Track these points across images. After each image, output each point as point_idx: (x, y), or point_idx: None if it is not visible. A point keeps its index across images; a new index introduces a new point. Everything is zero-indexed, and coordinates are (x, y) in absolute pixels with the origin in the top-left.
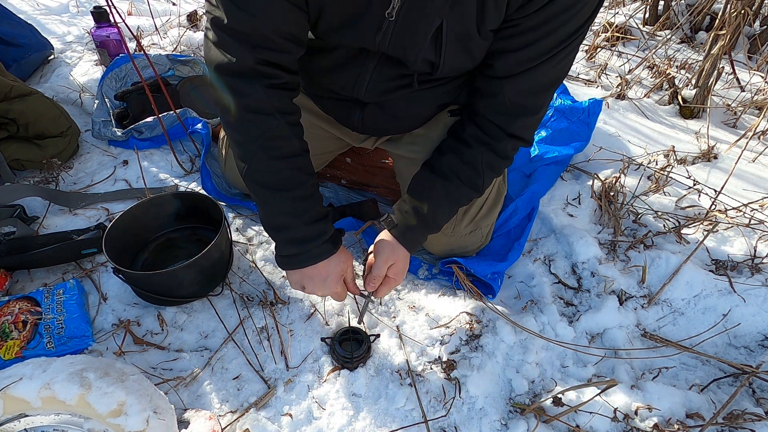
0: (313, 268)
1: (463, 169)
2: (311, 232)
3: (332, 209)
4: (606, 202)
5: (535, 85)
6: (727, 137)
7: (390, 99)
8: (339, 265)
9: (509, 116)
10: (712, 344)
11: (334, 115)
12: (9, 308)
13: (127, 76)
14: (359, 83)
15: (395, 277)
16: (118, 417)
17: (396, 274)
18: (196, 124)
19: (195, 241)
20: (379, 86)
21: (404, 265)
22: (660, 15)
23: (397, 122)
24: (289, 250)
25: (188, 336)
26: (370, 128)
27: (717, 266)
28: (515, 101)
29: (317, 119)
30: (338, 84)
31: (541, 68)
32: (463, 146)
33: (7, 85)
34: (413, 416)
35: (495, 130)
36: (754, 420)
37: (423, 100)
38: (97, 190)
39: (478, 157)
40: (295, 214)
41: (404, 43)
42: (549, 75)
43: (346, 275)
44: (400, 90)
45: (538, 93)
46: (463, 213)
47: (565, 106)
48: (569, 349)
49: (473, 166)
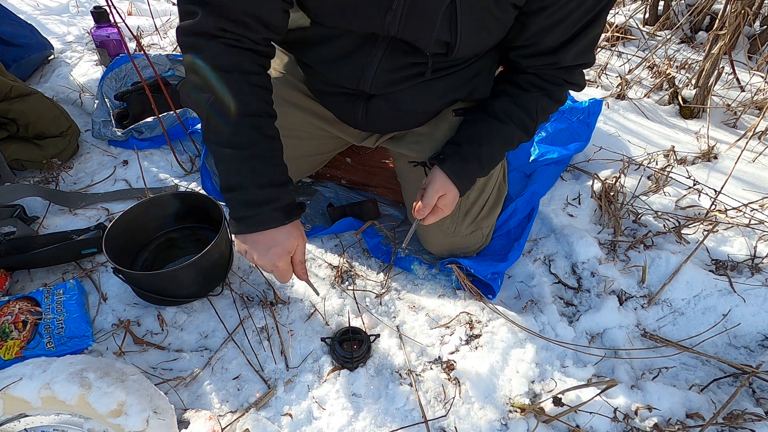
0: (259, 235)
1: (517, 112)
2: (263, 196)
3: (332, 209)
4: (606, 202)
5: (587, 43)
6: (727, 137)
7: (397, 91)
8: (288, 240)
9: (570, 71)
10: (712, 344)
11: (336, 111)
12: (9, 308)
13: (127, 76)
14: (366, 74)
15: (444, 208)
16: (118, 417)
17: (445, 206)
18: (196, 124)
19: (195, 241)
20: (387, 76)
21: (453, 199)
22: (660, 15)
23: (402, 117)
24: (239, 212)
25: (188, 336)
26: (373, 124)
27: (717, 266)
28: (573, 63)
29: (315, 118)
30: (343, 76)
31: (587, 30)
32: (519, 90)
33: (7, 85)
34: (413, 416)
35: (556, 79)
36: (754, 420)
37: (433, 92)
38: (97, 190)
39: (533, 101)
40: (247, 175)
41: (416, 23)
42: (596, 30)
43: (295, 254)
44: (409, 80)
45: (590, 48)
46: (465, 213)
47: (564, 106)
48: (569, 349)
49: (527, 110)
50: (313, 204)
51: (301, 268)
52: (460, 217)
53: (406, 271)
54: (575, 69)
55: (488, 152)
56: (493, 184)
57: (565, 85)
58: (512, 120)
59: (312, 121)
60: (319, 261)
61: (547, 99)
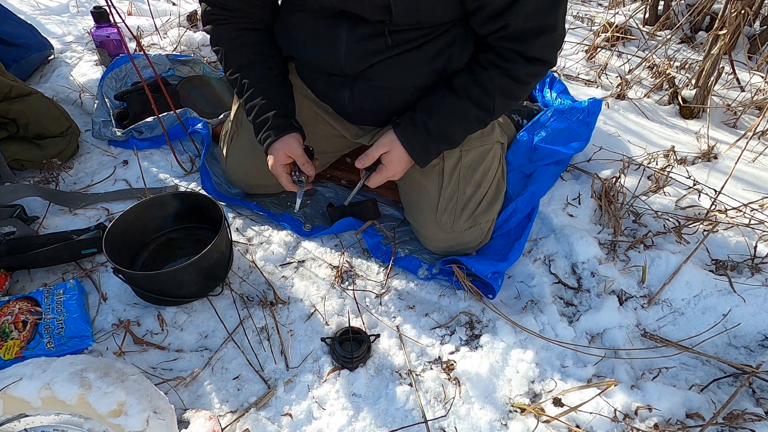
0: (268, 149)
1: (474, 89)
2: (259, 124)
3: (332, 209)
4: (606, 202)
5: (541, 3)
6: (727, 137)
7: (372, 68)
8: (282, 148)
9: (525, 41)
10: (712, 344)
11: (327, 99)
12: (9, 308)
13: (127, 76)
14: (338, 51)
15: (388, 166)
16: (118, 417)
17: (389, 164)
18: (196, 124)
19: (195, 241)
20: (355, 50)
21: (399, 159)
22: (660, 15)
23: (388, 97)
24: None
25: (188, 336)
26: (361, 109)
27: (717, 266)
28: (525, 26)
29: (322, 111)
30: (321, 56)
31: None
32: (480, 68)
33: (7, 85)
34: (413, 416)
35: (512, 55)
36: (754, 420)
37: (407, 66)
38: (97, 190)
39: (490, 79)
40: (250, 110)
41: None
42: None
43: (295, 157)
44: (378, 54)
45: (547, 10)
46: (462, 208)
47: (564, 105)
48: (569, 349)
49: (484, 88)
50: (313, 204)
51: (302, 162)
52: (458, 211)
53: (406, 271)
54: (531, 39)
55: (438, 124)
56: (491, 180)
57: (522, 61)
58: (468, 97)
59: (318, 112)
60: (319, 261)
61: (505, 77)
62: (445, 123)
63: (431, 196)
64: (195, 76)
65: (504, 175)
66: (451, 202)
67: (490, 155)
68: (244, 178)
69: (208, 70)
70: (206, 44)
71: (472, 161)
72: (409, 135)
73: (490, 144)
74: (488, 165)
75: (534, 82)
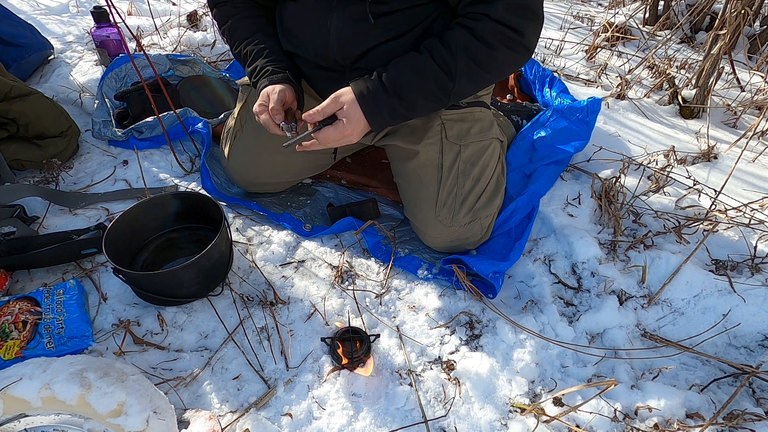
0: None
1: (437, 46)
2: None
3: (332, 209)
4: (606, 202)
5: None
6: (727, 137)
7: (364, 58)
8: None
9: (490, 3)
10: (712, 344)
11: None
12: (9, 308)
13: (127, 76)
14: (331, 37)
15: (342, 119)
16: (118, 417)
17: (344, 116)
18: (197, 124)
19: (195, 241)
20: (345, 34)
21: (353, 112)
22: (660, 15)
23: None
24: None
25: (188, 336)
26: None
27: (717, 266)
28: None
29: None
30: (314, 45)
31: None
32: (446, 30)
33: (7, 85)
34: (413, 416)
35: (477, 16)
36: (754, 420)
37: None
38: (97, 190)
39: (454, 37)
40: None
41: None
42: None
43: (285, 99)
44: (365, 38)
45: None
46: (462, 202)
47: (563, 105)
48: (569, 349)
49: (448, 46)
50: (313, 204)
51: (275, 107)
52: (457, 205)
53: (406, 270)
54: (496, 1)
55: (393, 76)
56: (490, 175)
57: (487, 19)
58: (430, 53)
59: None
60: (319, 261)
61: (470, 36)
62: (399, 75)
63: (430, 191)
64: (195, 76)
65: (504, 172)
66: (450, 197)
67: (488, 151)
68: (245, 176)
69: (208, 70)
70: (206, 44)
71: (471, 156)
72: (363, 88)
73: (488, 140)
74: (487, 160)
75: (505, 53)
